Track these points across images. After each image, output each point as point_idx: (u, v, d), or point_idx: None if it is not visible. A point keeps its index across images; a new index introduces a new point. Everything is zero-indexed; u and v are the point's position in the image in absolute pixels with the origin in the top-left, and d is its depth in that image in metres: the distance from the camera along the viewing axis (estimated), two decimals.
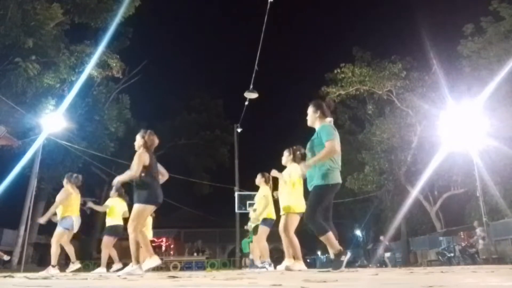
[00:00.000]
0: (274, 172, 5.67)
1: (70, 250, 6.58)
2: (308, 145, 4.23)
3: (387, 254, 16.32)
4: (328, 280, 2.35)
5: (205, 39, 46.79)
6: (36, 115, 13.25)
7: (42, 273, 5.85)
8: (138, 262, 4.44)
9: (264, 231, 6.31)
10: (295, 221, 5.23)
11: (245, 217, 17.54)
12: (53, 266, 6.26)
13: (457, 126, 12.39)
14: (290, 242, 5.16)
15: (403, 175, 18.91)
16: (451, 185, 18.59)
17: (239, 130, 19.67)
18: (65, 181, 6.62)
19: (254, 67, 11.76)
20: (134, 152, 4.87)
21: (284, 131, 42.19)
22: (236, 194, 16.68)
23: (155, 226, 7.98)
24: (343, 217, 26.56)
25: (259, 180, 6.76)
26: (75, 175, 6.83)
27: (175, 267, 14.99)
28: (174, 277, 3.19)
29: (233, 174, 19.31)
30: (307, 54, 46.55)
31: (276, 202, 6.10)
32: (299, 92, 38.68)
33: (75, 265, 6.44)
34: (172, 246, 21.84)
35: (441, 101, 16.39)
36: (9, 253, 12.68)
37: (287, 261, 5.24)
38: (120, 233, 7.30)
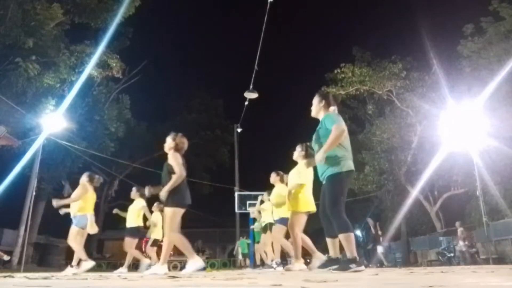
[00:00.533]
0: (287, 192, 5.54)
1: (80, 247, 6.50)
2: (313, 137, 4.08)
3: (380, 249, 14.62)
4: (328, 280, 2.35)
5: (205, 39, 46.81)
6: (36, 115, 13.24)
7: (78, 271, 5.84)
8: (194, 255, 4.45)
9: (281, 229, 6.26)
10: (301, 220, 5.20)
11: (245, 217, 17.57)
12: (85, 260, 6.14)
13: (457, 126, 12.39)
14: (294, 240, 5.14)
15: (403, 175, 18.90)
16: (451, 185, 18.58)
17: (239, 130, 19.70)
18: (85, 179, 6.47)
19: (254, 67, 11.78)
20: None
21: (284, 131, 42.21)
22: (236, 194, 16.70)
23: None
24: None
25: (273, 178, 6.70)
26: (97, 176, 6.74)
27: (175, 267, 14.99)
28: (174, 277, 3.19)
29: (233, 174, 19.33)
30: (307, 54, 46.53)
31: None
32: (299, 92, 38.71)
33: (73, 269, 6.32)
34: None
35: (441, 101, 16.39)
36: (9, 253, 12.67)
37: (314, 261, 5.22)
38: (141, 234, 7.44)
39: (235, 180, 18.91)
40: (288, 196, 5.36)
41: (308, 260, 7.43)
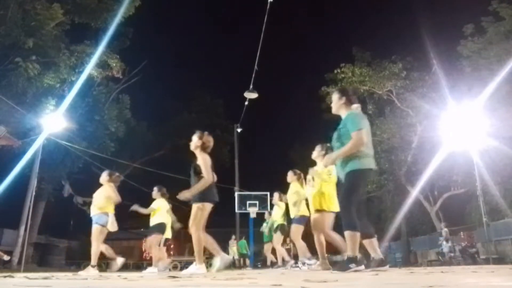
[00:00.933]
0: (312, 173, 5.51)
1: (98, 251, 6.45)
2: (334, 135, 3.96)
3: None
4: (328, 280, 2.36)
5: (205, 39, 46.77)
6: (36, 115, 13.25)
7: (81, 273, 5.77)
8: (202, 261, 4.42)
9: (298, 229, 6.28)
10: (329, 219, 5.20)
11: (245, 217, 17.57)
12: (93, 267, 6.08)
13: (458, 126, 12.39)
14: (332, 240, 5.12)
15: (404, 175, 18.90)
16: (451, 185, 18.58)
17: (239, 130, 19.70)
18: (106, 178, 6.47)
19: (254, 67, 11.80)
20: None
21: (284, 131, 42.23)
22: (236, 194, 16.69)
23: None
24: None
25: (290, 177, 6.72)
26: (117, 174, 6.78)
27: (175, 267, 14.99)
28: (174, 277, 3.19)
29: (233, 174, 19.32)
30: (307, 54, 46.49)
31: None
32: (299, 92, 38.70)
33: (94, 270, 6.17)
34: (172, 246, 21.85)
35: (441, 101, 16.38)
36: (9, 253, 12.67)
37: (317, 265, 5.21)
38: (165, 231, 7.48)
39: (235, 180, 18.90)
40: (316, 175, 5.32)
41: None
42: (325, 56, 38.92)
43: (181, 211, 7.81)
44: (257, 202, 16.15)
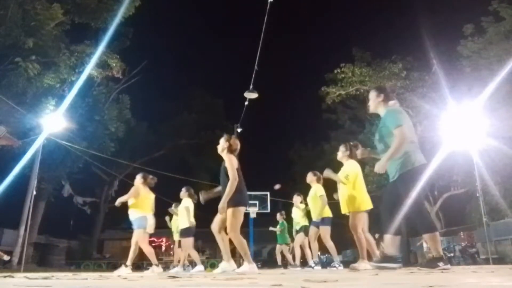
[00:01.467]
0: (327, 173, 5.53)
1: (151, 250, 6.44)
2: (376, 136, 3.95)
3: None
4: (329, 280, 2.36)
5: (205, 39, 46.77)
6: (36, 115, 13.24)
7: (147, 272, 5.81)
8: (249, 260, 4.43)
9: (326, 230, 6.33)
10: (362, 219, 5.23)
11: (245, 217, 17.53)
12: (156, 265, 6.20)
13: (458, 126, 12.38)
14: (358, 240, 5.15)
15: None
16: (451, 185, 18.57)
17: (239, 130, 19.69)
18: (140, 181, 6.52)
19: (254, 67, 11.78)
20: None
21: (284, 131, 42.27)
22: None
23: (156, 226, 8.04)
24: (344, 217, 26.53)
25: (310, 178, 6.76)
26: (151, 176, 6.79)
27: (175, 267, 14.97)
28: (174, 277, 3.19)
29: None
30: (307, 54, 46.48)
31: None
32: (299, 92, 38.71)
33: (127, 269, 6.15)
34: (172, 246, 21.84)
35: (441, 101, 16.37)
36: (9, 253, 12.67)
37: (360, 262, 5.23)
38: (193, 233, 7.56)
39: None
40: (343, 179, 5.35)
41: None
42: (325, 56, 38.93)
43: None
44: (257, 202, 16.13)
